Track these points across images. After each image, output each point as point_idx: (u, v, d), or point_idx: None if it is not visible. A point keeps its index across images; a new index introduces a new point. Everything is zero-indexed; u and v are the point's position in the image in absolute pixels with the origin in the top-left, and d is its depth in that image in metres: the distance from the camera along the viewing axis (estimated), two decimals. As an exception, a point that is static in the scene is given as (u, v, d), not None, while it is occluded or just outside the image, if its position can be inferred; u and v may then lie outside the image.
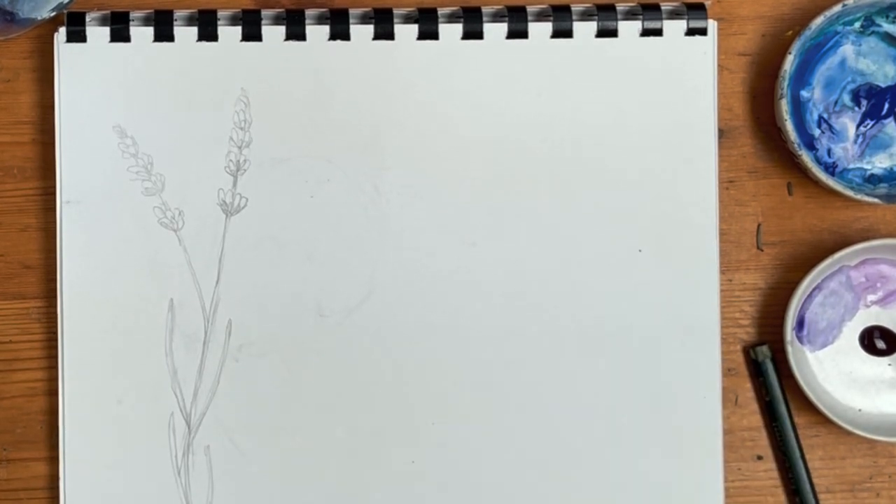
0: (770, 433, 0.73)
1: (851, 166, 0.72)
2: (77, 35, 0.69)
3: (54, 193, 0.70)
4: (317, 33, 0.70)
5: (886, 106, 0.72)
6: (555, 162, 0.70)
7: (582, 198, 0.70)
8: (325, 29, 0.70)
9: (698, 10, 0.71)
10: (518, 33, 0.70)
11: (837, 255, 0.70)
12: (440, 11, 0.70)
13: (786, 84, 0.70)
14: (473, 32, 0.70)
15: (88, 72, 0.69)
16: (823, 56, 0.72)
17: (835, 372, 0.72)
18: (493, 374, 0.70)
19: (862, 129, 0.72)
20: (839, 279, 0.72)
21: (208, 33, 0.70)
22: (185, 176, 0.70)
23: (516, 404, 0.70)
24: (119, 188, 0.70)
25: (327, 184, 0.70)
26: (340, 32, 0.70)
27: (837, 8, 0.69)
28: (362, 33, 0.70)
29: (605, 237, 0.70)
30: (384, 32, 0.70)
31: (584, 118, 0.70)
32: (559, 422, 0.70)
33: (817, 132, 0.72)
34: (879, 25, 0.72)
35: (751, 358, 0.73)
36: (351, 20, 0.70)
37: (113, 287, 0.69)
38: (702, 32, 0.71)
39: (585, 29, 0.70)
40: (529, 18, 0.70)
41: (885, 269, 0.72)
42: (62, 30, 0.69)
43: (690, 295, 0.70)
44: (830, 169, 0.72)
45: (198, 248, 0.70)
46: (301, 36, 0.70)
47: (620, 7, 0.71)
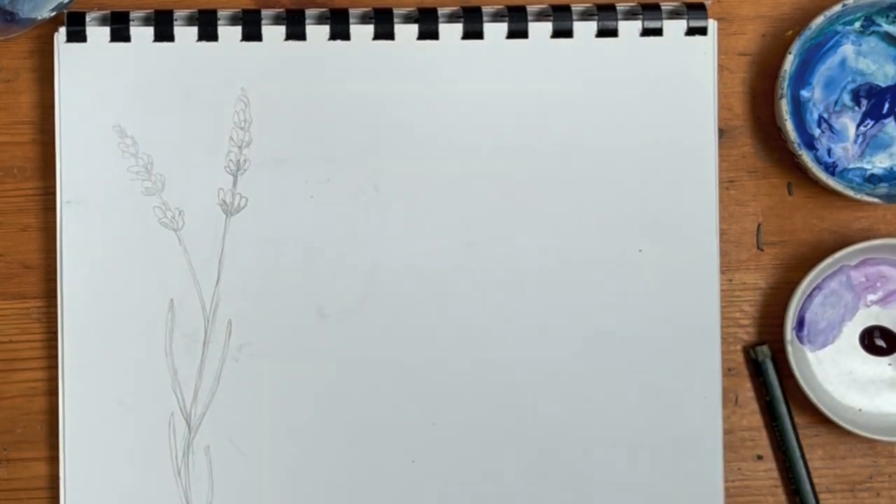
0: (770, 433, 0.73)
1: (851, 166, 0.72)
2: (77, 35, 0.69)
3: (54, 193, 0.70)
4: (317, 33, 0.70)
5: (886, 106, 0.72)
6: (555, 162, 0.70)
7: (582, 197, 0.70)
8: (325, 29, 0.70)
9: (698, 10, 0.71)
10: (518, 33, 0.70)
11: (837, 255, 0.70)
12: (440, 11, 0.70)
13: (786, 84, 0.69)
14: (473, 32, 0.70)
15: (88, 72, 0.69)
16: (823, 56, 0.72)
17: (835, 372, 0.72)
18: (493, 374, 0.70)
19: (862, 129, 0.72)
20: (839, 279, 0.72)
21: (208, 33, 0.70)
22: (185, 176, 0.70)
23: (516, 404, 0.70)
24: (119, 188, 0.70)
25: (327, 184, 0.70)
26: (340, 32, 0.70)
27: (837, 8, 0.69)
28: (362, 33, 0.70)
29: (605, 237, 0.70)
30: (384, 32, 0.70)
31: (585, 118, 0.70)
32: (559, 421, 0.70)
33: (817, 132, 0.72)
34: (879, 25, 0.72)
35: (751, 358, 0.73)
36: (351, 20, 0.70)
37: (113, 287, 0.69)
38: (702, 32, 0.71)
39: (585, 29, 0.70)
40: (529, 18, 0.70)
41: (885, 269, 0.72)
42: (62, 30, 0.69)
43: (690, 295, 0.70)
44: (830, 169, 0.72)
45: (198, 248, 0.70)
46: (301, 36, 0.70)
47: (620, 7, 0.71)
